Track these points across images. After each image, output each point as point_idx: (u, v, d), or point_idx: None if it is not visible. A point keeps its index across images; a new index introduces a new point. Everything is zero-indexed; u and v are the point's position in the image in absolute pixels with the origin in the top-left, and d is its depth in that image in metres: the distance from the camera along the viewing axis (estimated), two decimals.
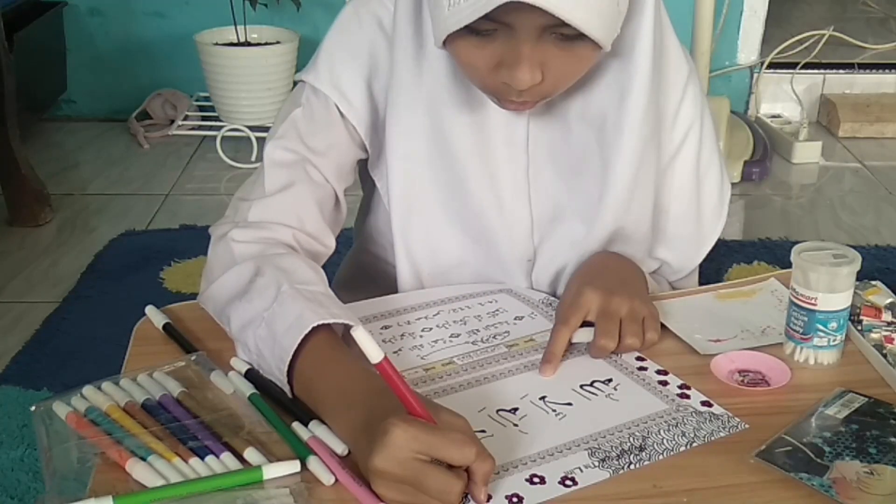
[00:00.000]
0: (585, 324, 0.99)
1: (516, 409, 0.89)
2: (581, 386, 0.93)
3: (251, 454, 0.82)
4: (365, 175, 1.17)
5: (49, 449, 0.83)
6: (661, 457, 0.83)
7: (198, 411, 0.87)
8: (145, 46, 3.43)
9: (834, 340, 0.96)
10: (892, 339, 0.98)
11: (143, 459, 0.81)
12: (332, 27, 1.10)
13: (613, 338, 0.97)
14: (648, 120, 1.04)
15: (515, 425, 0.87)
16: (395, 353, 0.98)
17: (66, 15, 3.37)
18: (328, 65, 1.08)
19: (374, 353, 0.76)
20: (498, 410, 0.89)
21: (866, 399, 0.90)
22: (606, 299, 0.99)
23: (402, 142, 1.07)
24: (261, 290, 0.94)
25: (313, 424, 0.86)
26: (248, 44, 3.18)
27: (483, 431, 0.85)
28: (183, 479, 0.80)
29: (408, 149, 1.07)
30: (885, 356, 0.96)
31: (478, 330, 1.03)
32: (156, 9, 3.39)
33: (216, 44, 3.18)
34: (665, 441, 0.85)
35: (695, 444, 0.84)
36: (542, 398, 0.91)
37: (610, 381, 0.94)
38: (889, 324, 1.01)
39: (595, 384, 0.93)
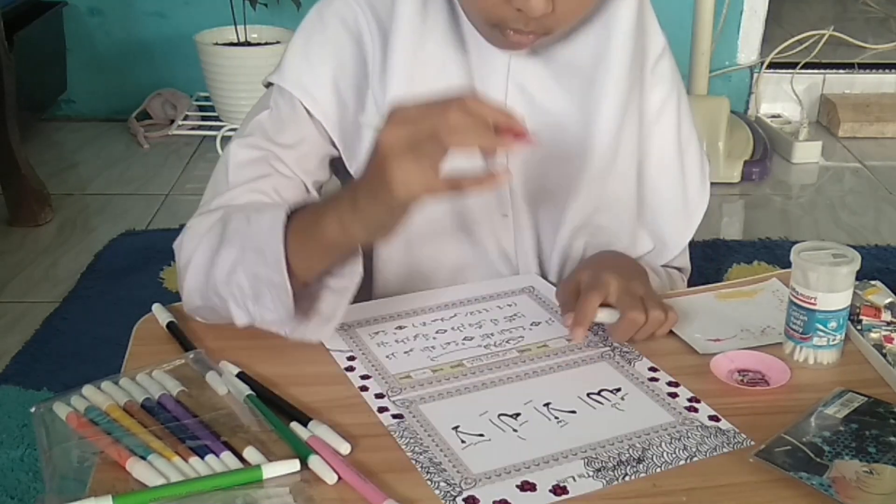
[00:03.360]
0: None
1: (518, 415, 0.87)
2: (588, 394, 0.91)
3: (251, 453, 0.82)
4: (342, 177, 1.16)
5: (49, 449, 0.83)
6: (658, 469, 0.81)
7: (197, 410, 0.87)
8: (145, 46, 3.43)
9: (833, 340, 0.96)
10: (892, 339, 0.98)
11: (143, 458, 0.81)
12: (297, 31, 1.10)
13: (642, 311, 0.97)
14: (633, 70, 1.05)
15: (515, 430, 0.85)
16: (406, 353, 0.97)
17: (66, 15, 3.37)
18: (292, 64, 1.09)
19: None
20: (500, 415, 0.87)
21: (866, 398, 0.90)
22: (625, 281, 0.99)
23: None
24: (232, 235, 0.94)
25: (313, 424, 0.86)
26: (248, 44, 3.19)
27: (481, 435, 0.84)
28: (183, 478, 0.79)
29: None
30: (884, 356, 0.96)
31: (492, 334, 1.01)
32: (156, 9, 3.39)
33: (216, 44, 3.18)
34: (665, 454, 0.83)
35: (695, 459, 0.82)
36: (547, 405, 0.89)
37: (618, 390, 0.92)
38: (889, 323, 1.01)
39: (602, 393, 0.91)
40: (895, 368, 0.93)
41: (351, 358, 0.97)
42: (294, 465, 0.80)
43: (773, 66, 3.45)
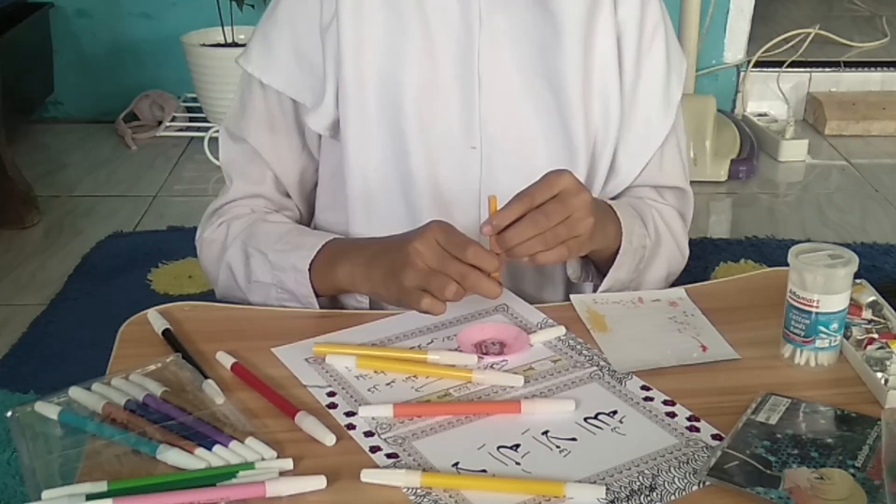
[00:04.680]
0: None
1: (518, 446, 0.84)
2: (585, 419, 0.88)
3: (253, 443, 0.83)
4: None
5: (30, 459, 0.83)
6: (673, 497, 0.78)
7: (189, 410, 0.88)
8: (132, 48, 3.42)
9: (834, 341, 0.96)
10: (873, 341, 0.98)
11: (152, 454, 0.82)
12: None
13: (543, 217, 0.96)
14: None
15: (518, 463, 0.82)
16: (388, 384, 0.94)
17: (53, 16, 3.36)
18: (252, 46, 1.16)
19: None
20: (499, 447, 0.84)
21: (789, 400, 0.90)
22: (569, 196, 0.98)
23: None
24: (258, 269, 1.11)
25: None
26: (235, 45, 3.18)
27: (483, 471, 0.81)
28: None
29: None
30: (865, 358, 0.96)
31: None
32: (142, 10, 3.38)
33: (203, 45, 3.18)
34: (676, 479, 0.80)
35: (707, 484, 0.80)
36: (545, 433, 0.86)
37: (615, 413, 0.89)
38: (869, 321, 1.01)
39: (600, 417, 0.88)
40: (875, 371, 0.94)
41: (331, 394, 0.92)
42: (288, 463, 0.81)
43: (760, 64, 3.46)
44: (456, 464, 0.82)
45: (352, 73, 1.10)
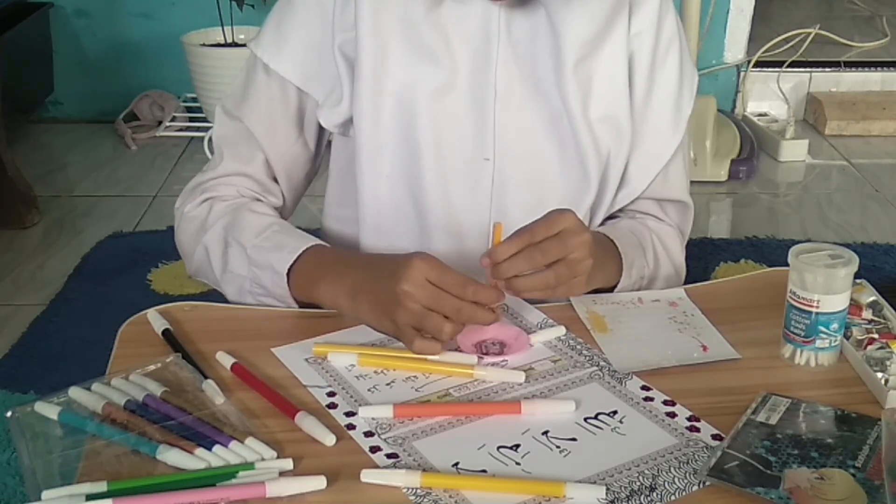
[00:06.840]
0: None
1: (518, 446, 0.85)
2: (585, 419, 0.88)
3: (253, 443, 0.83)
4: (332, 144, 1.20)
5: (30, 459, 0.83)
6: (673, 497, 0.78)
7: (189, 410, 0.88)
8: (132, 47, 3.42)
9: (835, 342, 0.96)
10: (873, 341, 0.98)
11: (152, 454, 0.82)
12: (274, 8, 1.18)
13: (537, 256, 0.96)
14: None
15: (518, 464, 0.82)
16: (388, 384, 0.94)
17: (53, 16, 3.36)
18: (265, 33, 1.17)
19: None
20: (499, 447, 0.84)
21: (789, 400, 0.90)
22: (579, 227, 0.98)
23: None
24: (234, 259, 1.10)
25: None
26: (235, 44, 3.18)
27: (483, 471, 0.81)
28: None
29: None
30: (866, 359, 0.96)
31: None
32: (142, 10, 3.38)
33: (203, 45, 3.18)
34: (676, 479, 0.80)
35: (707, 484, 0.80)
36: (545, 433, 0.86)
37: (615, 413, 0.89)
38: (869, 321, 1.02)
39: (600, 417, 0.89)
40: (875, 371, 0.94)
41: (331, 394, 0.92)
42: (288, 463, 0.81)
43: (760, 64, 3.46)
44: (456, 464, 0.82)
45: (368, 79, 1.10)
